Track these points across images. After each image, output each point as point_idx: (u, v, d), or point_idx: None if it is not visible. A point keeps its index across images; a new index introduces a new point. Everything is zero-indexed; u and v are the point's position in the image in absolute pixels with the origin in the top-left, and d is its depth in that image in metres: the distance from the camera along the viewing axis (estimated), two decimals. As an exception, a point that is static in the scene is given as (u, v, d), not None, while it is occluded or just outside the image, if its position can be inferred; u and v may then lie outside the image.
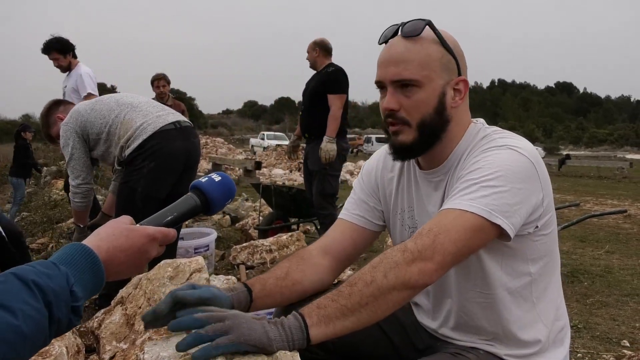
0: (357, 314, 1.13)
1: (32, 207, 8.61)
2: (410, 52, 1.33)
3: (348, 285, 1.16)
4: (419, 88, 1.33)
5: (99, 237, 1.01)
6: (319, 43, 5.31)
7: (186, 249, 4.26)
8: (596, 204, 11.88)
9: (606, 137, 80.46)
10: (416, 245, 1.18)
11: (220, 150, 25.05)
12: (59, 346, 1.96)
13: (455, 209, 1.23)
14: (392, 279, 1.14)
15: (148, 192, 3.15)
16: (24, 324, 0.75)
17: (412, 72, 1.32)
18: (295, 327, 1.09)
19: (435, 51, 1.34)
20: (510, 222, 1.22)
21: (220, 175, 1.24)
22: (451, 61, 1.36)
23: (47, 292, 0.80)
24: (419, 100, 1.34)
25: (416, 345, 1.59)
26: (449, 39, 1.37)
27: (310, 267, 1.51)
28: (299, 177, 17.61)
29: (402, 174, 1.56)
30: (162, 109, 3.33)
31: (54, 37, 5.45)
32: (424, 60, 1.33)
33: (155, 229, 1.08)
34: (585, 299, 4.33)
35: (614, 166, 23.91)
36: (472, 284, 1.40)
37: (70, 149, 3.24)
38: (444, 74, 1.35)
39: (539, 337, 1.40)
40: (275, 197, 6.04)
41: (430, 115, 1.35)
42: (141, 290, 2.34)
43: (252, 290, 1.37)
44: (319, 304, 1.14)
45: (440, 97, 1.35)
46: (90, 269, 0.92)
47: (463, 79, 1.38)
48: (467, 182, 1.27)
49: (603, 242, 7.02)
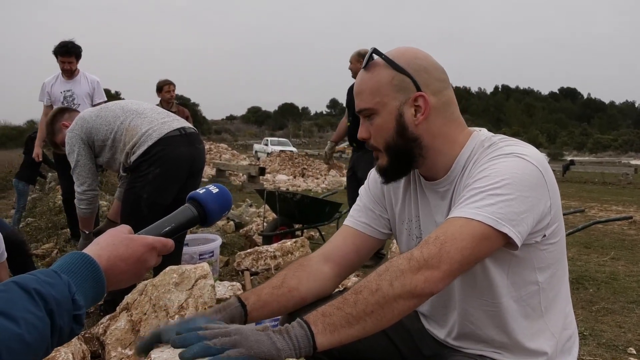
0: (363, 322, 1.13)
1: (37, 213, 8.63)
2: (363, 82, 1.41)
3: (354, 293, 1.16)
4: (376, 115, 1.40)
5: (99, 246, 1.01)
6: (363, 54, 5.34)
7: (191, 255, 4.25)
8: (601, 210, 11.85)
9: (610, 142, 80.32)
10: (422, 253, 1.18)
11: (224, 156, 25.07)
12: (65, 352, 1.97)
13: (461, 217, 1.23)
14: (398, 288, 1.14)
15: (153, 199, 3.15)
16: (26, 333, 0.75)
17: (366, 102, 1.40)
18: (302, 336, 1.09)
19: (384, 75, 1.37)
20: (517, 231, 1.22)
21: (217, 187, 1.26)
22: (404, 80, 1.36)
23: (49, 300, 0.80)
24: (378, 126, 1.40)
25: (423, 352, 1.58)
26: (401, 57, 1.38)
27: (307, 274, 1.52)
28: (302, 183, 17.63)
29: (408, 184, 1.56)
30: (166, 115, 3.34)
31: (71, 42, 5.51)
32: (374, 87, 1.38)
33: (155, 239, 1.08)
34: (591, 306, 4.31)
35: (618, 172, 23.95)
36: (478, 293, 1.40)
37: (75, 155, 3.25)
38: (399, 95, 1.37)
39: (547, 347, 1.39)
40: (280, 203, 6.04)
41: (392, 137, 1.39)
42: (147, 297, 2.34)
43: (247, 303, 1.40)
44: (324, 312, 1.14)
45: (398, 118, 1.38)
46: (92, 278, 0.92)
47: (420, 94, 1.36)
48: (473, 191, 1.27)
49: (608, 248, 6.99)
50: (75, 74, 5.56)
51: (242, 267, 4.76)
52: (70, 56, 5.46)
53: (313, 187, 16.87)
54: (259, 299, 1.42)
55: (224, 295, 2.88)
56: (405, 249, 1.58)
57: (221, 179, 15.91)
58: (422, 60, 1.39)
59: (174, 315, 2.19)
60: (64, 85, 5.55)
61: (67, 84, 5.55)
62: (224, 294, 2.91)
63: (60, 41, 5.50)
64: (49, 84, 5.58)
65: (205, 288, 2.27)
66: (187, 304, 2.22)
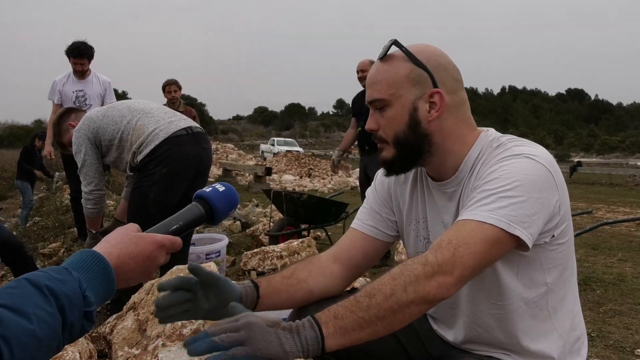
0: (374, 327, 1.13)
1: (43, 212, 8.66)
2: (379, 73, 1.40)
3: (367, 296, 1.15)
4: (389, 107, 1.38)
5: (109, 244, 1.02)
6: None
7: (197, 255, 4.27)
8: (608, 211, 11.81)
9: (618, 144, 79.97)
10: (437, 258, 1.17)
11: (231, 156, 25.11)
12: (72, 351, 1.97)
13: (473, 220, 1.22)
14: (411, 293, 1.13)
15: (160, 198, 3.16)
16: (38, 329, 0.75)
17: (381, 92, 1.38)
18: (312, 338, 1.09)
19: (403, 68, 1.36)
20: (529, 233, 1.22)
21: (223, 185, 1.26)
22: (422, 75, 1.35)
23: (61, 297, 0.81)
24: (389, 118, 1.39)
25: (431, 353, 1.58)
26: (422, 53, 1.37)
27: (317, 269, 1.54)
28: (309, 183, 17.64)
29: (415, 184, 1.55)
30: (173, 115, 3.35)
31: (84, 43, 5.51)
32: (391, 79, 1.37)
33: (164, 237, 1.09)
34: (598, 307, 4.29)
35: (625, 173, 23.85)
36: (487, 295, 1.39)
37: (82, 155, 3.26)
38: (414, 89, 1.36)
39: (555, 348, 1.39)
40: (286, 203, 6.04)
41: (403, 131, 1.38)
42: (153, 296, 2.35)
43: (259, 286, 1.42)
44: (337, 314, 1.13)
45: (411, 112, 1.37)
46: (102, 275, 0.93)
47: (436, 90, 1.36)
48: (484, 193, 1.26)
49: (615, 250, 6.96)
50: (87, 75, 5.58)
51: (249, 267, 4.77)
52: (82, 58, 5.46)
53: (319, 187, 16.88)
54: (269, 285, 1.45)
55: (230, 295, 2.88)
56: (412, 250, 1.58)
57: (228, 179, 15.93)
58: (442, 58, 1.39)
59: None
60: (76, 85, 5.56)
61: (79, 84, 5.55)
62: (230, 294, 2.91)
63: (73, 42, 5.48)
64: (60, 83, 5.57)
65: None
66: (194, 304, 2.22)
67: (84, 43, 5.51)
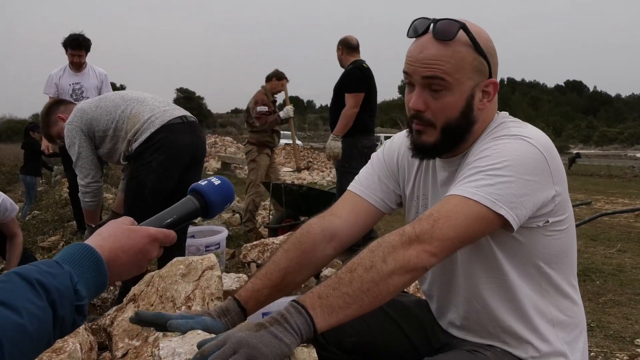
0: (360, 301, 1.12)
1: (43, 206, 8.67)
2: (443, 55, 1.30)
3: (347, 271, 1.15)
4: (447, 91, 1.31)
5: (101, 237, 1.01)
6: (342, 41, 5.30)
7: (197, 247, 4.26)
8: (607, 202, 11.81)
9: (616, 135, 79.83)
10: (414, 229, 1.17)
11: (229, 149, 25.07)
12: (73, 343, 1.97)
13: (458, 195, 1.23)
14: (391, 263, 1.14)
15: (157, 186, 3.15)
16: (28, 323, 0.74)
17: (445, 72, 1.29)
18: (302, 323, 1.08)
19: (468, 55, 1.31)
20: (515, 214, 1.21)
21: (219, 179, 1.25)
22: (483, 63, 1.33)
23: (51, 290, 0.80)
24: (446, 103, 1.32)
25: (433, 344, 1.57)
26: (482, 40, 1.33)
27: (313, 264, 1.48)
28: (307, 176, 17.63)
29: (422, 160, 1.52)
30: (168, 104, 3.34)
31: (81, 35, 5.53)
32: (458, 64, 1.30)
33: (157, 230, 1.08)
34: (598, 298, 4.31)
35: (624, 165, 23.82)
36: (483, 268, 1.38)
37: (77, 147, 3.23)
38: (475, 77, 1.33)
39: (554, 336, 1.38)
40: (285, 195, 6.04)
41: (456, 118, 1.34)
42: (153, 288, 2.34)
43: (246, 308, 1.35)
44: (320, 294, 1.12)
45: (469, 99, 1.33)
46: (94, 268, 0.92)
47: (493, 81, 1.35)
48: (473, 169, 1.26)
49: (614, 241, 6.97)
50: (84, 67, 5.58)
51: (249, 259, 4.77)
52: (80, 49, 5.48)
53: (318, 179, 16.88)
54: (258, 303, 1.38)
55: (230, 287, 2.88)
56: None
57: (226, 172, 15.93)
58: (492, 44, 1.37)
59: (180, 307, 2.19)
60: (73, 78, 5.55)
61: (75, 77, 5.55)
62: (230, 286, 2.91)
63: (70, 33, 5.50)
64: (56, 76, 5.56)
65: (212, 279, 2.27)
66: (194, 295, 2.22)
67: (82, 35, 5.53)
